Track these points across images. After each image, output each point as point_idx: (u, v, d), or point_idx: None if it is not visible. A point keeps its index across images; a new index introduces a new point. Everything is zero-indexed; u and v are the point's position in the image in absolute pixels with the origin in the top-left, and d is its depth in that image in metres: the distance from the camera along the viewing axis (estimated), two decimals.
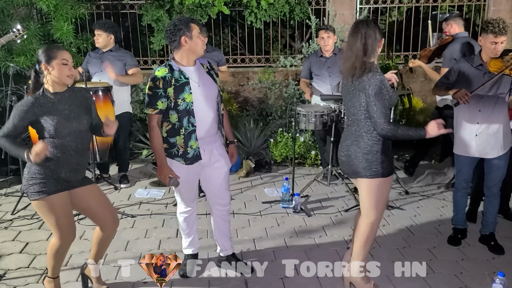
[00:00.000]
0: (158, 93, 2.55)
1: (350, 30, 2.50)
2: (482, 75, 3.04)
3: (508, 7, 5.98)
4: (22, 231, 3.54)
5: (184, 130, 2.59)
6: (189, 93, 2.56)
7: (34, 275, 2.93)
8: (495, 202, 3.30)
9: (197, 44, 2.58)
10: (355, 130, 2.55)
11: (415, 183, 4.66)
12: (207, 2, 5.37)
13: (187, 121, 2.57)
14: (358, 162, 2.52)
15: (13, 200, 4.04)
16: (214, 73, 2.77)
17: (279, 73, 6.01)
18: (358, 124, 2.52)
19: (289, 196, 4.03)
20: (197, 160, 2.65)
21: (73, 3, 5.08)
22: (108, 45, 4.33)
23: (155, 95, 2.55)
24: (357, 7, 6.00)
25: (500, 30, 2.91)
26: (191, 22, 2.57)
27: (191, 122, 2.58)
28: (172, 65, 2.60)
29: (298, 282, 2.85)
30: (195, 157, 2.64)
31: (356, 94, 2.48)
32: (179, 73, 2.58)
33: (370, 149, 2.50)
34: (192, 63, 2.64)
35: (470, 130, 3.14)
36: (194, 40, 2.56)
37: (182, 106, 2.56)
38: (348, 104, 2.59)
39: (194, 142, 2.61)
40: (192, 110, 2.57)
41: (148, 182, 4.71)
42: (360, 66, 2.42)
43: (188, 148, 2.61)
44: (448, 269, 3.02)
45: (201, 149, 2.65)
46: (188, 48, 2.58)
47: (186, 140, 2.60)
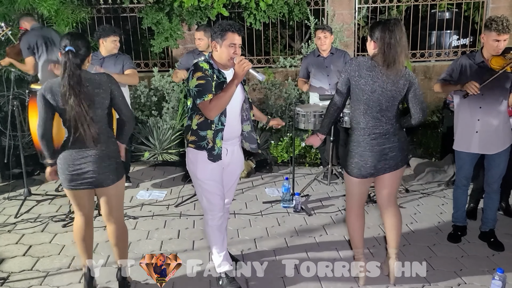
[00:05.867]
0: (210, 80, 2.51)
1: (395, 24, 2.43)
2: (484, 72, 3.05)
3: (507, 4, 5.98)
4: (25, 234, 3.58)
5: (215, 127, 2.59)
6: None
7: (38, 277, 2.96)
8: (495, 198, 3.31)
9: (222, 53, 2.54)
10: (391, 126, 2.59)
11: (416, 181, 4.67)
12: (206, 4, 5.40)
13: (218, 119, 2.57)
14: (401, 152, 2.64)
15: (16, 203, 4.08)
16: (243, 80, 2.75)
17: (279, 74, 6.04)
18: (392, 118, 2.59)
19: (290, 196, 4.05)
20: (219, 158, 2.64)
21: (74, 8, 5.14)
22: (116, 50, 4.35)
23: (208, 82, 2.50)
24: (356, 6, 6.02)
25: (504, 28, 2.91)
26: (228, 31, 2.52)
27: (221, 121, 2.59)
28: (212, 64, 2.59)
29: (298, 281, 2.87)
30: (218, 155, 2.63)
31: (399, 88, 2.52)
32: (218, 72, 2.58)
33: (405, 139, 2.69)
34: (226, 68, 2.63)
35: (471, 127, 3.15)
36: (222, 49, 2.54)
37: None
38: (384, 99, 2.52)
39: (219, 141, 2.61)
40: (225, 110, 2.57)
41: (150, 184, 4.74)
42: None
43: (215, 145, 2.61)
44: (448, 266, 3.03)
45: (223, 149, 2.66)
46: (217, 54, 2.57)
47: (215, 136, 2.60)
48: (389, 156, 2.61)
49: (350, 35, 5.97)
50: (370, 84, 2.51)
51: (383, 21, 2.50)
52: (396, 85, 2.52)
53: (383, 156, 2.60)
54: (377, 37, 2.47)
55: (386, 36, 2.42)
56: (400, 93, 2.55)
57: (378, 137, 2.58)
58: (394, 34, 2.41)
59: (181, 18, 5.67)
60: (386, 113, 2.57)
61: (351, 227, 2.83)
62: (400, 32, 2.43)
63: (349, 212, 2.82)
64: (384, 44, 2.43)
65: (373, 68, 2.50)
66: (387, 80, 2.50)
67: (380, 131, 2.58)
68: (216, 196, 2.71)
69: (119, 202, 2.70)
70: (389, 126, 2.59)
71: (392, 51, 2.42)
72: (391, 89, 2.52)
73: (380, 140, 2.58)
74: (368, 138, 2.59)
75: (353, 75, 2.55)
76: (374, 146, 2.59)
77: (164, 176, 4.99)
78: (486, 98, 3.07)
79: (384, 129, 2.58)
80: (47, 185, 4.62)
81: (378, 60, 2.48)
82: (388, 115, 2.58)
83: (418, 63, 6.20)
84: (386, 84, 2.51)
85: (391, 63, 2.44)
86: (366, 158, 2.60)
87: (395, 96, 2.54)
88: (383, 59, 2.45)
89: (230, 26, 2.53)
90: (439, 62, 6.26)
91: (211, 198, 2.70)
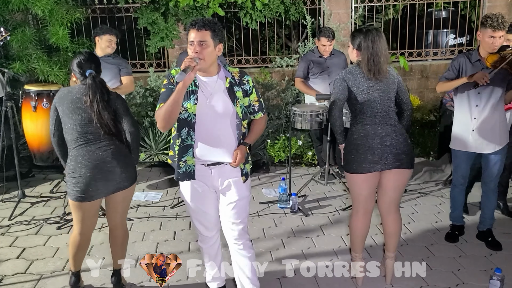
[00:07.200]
0: (171, 89, 2.22)
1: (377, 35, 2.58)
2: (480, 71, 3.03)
3: (503, 2, 5.97)
4: (19, 237, 3.54)
5: (181, 142, 2.30)
6: (194, 104, 2.25)
7: (31, 281, 2.92)
8: (492, 197, 3.29)
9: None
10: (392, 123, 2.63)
11: (413, 180, 4.65)
12: (202, 4, 5.37)
13: (187, 133, 2.29)
14: (404, 153, 2.62)
15: (10, 205, 4.04)
16: (240, 89, 2.32)
17: (276, 74, 6.01)
18: (391, 116, 2.64)
19: (287, 196, 4.03)
20: (189, 177, 2.34)
21: (69, 8, 5.09)
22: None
23: (168, 91, 2.24)
24: (352, 5, 6.00)
25: (499, 25, 2.90)
26: (189, 27, 2.22)
27: (190, 135, 2.28)
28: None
29: (295, 282, 2.85)
30: (187, 174, 2.33)
31: (391, 87, 2.65)
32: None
33: (408, 143, 2.68)
34: (208, 74, 2.28)
35: (467, 125, 3.14)
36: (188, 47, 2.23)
37: (183, 115, 2.27)
38: (383, 101, 2.62)
39: (190, 158, 2.31)
40: (194, 123, 2.27)
41: (146, 185, 4.71)
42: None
43: (182, 162, 2.31)
44: (446, 266, 3.02)
45: (205, 169, 2.34)
46: None
47: (181, 153, 2.31)
48: (389, 144, 2.58)
49: (347, 34, 5.93)
50: (366, 87, 2.61)
51: (364, 31, 2.61)
52: (387, 84, 2.64)
53: (384, 144, 2.58)
54: (361, 46, 2.59)
55: (369, 47, 2.56)
56: (393, 92, 2.66)
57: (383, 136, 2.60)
58: (376, 45, 2.55)
59: (176, 18, 5.64)
60: (386, 114, 2.63)
61: (353, 231, 2.78)
62: (383, 43, 2.58)
63: (354, 215, 2.76)
64: (368, 54, 2.56)
65: (363, 74, 2.63)
66: (378, 82, 2.62)
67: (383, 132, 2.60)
68: (196, 222, 2.50)
69: (128, 206, 2.77)
70: (391, 126, 2.62)
71: (376, 62, 2.56)
72: (384, 89, 2.62)
73: (384, 138, 2.60)
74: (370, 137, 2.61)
75: (351, 84, 2.63)
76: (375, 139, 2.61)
77: (160, 177, 4.96)
78: (483, 97, 3.05)
79: (386, 130, 2.61)
80: (41, 186, 4.58)
81: (364, 69, 2.60)
82: (390, 115, 2.64)
83: (414, 62, 6.18)
84: (379, 85, 2.62)
85: (376, 72, 2.58)
86: (365, 151, 2.60)
87: (390, 96, 2.64)
88: (368, 69, 2.59)
89: (191, 22, 2.21)
90: (436, 61, 6.24)
91: (193, 221, 2.54)
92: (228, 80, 2.30)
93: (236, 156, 2.30)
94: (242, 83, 2.34)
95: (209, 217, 2.48)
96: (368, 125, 2.61)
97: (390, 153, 2.58)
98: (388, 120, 2.62)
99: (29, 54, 4.88)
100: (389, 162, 2.59)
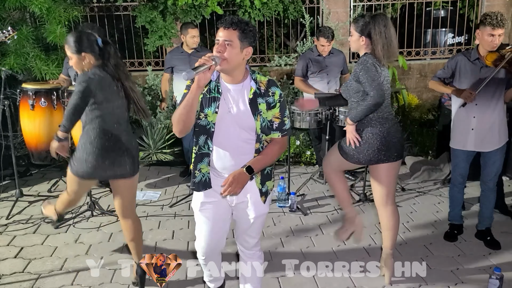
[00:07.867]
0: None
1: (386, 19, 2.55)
2: (479, 70, 3.04)
3: (502, 1, 5.98)
4: (17, 236, 3.52)
5: (198, 149, 2.14)
6: (214, 113, 2.07)
7: (29, 280, 2.91)
8: (491, 196, 3.29)
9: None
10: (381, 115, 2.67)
11: (412, 179, 4.66)
12: (200, 2, 5.36)
13: (204, 141, 2.12)
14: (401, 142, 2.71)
15: (7, 204, 4.02)
16: (264, 101, 2.09)
17: (274, 72, 6.00)
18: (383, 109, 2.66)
19: (285, 195, 4.02)
20: (204, 186, 2.18)
21: (66, 6, 5.06)
22: None
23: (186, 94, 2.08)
24: (351, 4, 6.00)
25: (498, 23, 2.90)
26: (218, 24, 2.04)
27: (207, 144, 2.12)
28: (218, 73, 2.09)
29: (295, 282, 2.84)
30: (202, 183, 2.18)
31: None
32: (216, 83, 2.08)
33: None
34: (233, 81, 2.08)
35: (467, 124, 3.14)
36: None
37: (202, 122, 2.10)
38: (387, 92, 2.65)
39: (205, 166, 2.16)
40: (212, 133, 2.10)
41: (144, 184, 4.69)
42: None
43: (197, 171, 2.17)
44: (445, 265, 3.01)
45: (217, 179, 2.18)
46: None
47: (197, 160, 2.16)
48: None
49: (345, 33, 5.94)
50: (383, 77, 2.62)
51: (371, 17, 2.56)
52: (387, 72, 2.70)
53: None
54: (372, 34, 2.52)
55: (382, 32, 2.50)
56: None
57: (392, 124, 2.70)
58: (388, 30, 2.51)
59: (175, 16, 5.62)
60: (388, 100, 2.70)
61: (336, 188, 2.90)
62: (391, 26, 2.55)
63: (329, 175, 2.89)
64: (383, 40, 2.52)
65: (379, 63, 2.60)
66: (385, 69, 2.65)
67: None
68: (199, 234, 2.31)
69: (134, 194, 2.79)
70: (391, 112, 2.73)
71: (392, 46, 2.54)
72: (388, 77, 2.70)
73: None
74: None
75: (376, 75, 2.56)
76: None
77: (159, 176, 4.94)
78: (482, 96, 3.05)
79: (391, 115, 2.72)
80: (39, 185, 4.56)
81: (380, 56, 2.55)
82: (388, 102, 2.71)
83: (413, 61, 6.19)
84: (386, 72, 2.67)
85: (392, 56, 2.57)
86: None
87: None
88: (388, 54, 2.55)
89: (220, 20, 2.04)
90: (435, 60, 6.25)
91: (196, 233, 2.33)
92: (253, 91, 2.08)
93: (226, 183, 2.02)
94: (267, 95, 2.10)
95: (209, 230, 2.27)
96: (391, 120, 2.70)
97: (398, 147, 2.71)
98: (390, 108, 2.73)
99: (26, 52, 4.86)
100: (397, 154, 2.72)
